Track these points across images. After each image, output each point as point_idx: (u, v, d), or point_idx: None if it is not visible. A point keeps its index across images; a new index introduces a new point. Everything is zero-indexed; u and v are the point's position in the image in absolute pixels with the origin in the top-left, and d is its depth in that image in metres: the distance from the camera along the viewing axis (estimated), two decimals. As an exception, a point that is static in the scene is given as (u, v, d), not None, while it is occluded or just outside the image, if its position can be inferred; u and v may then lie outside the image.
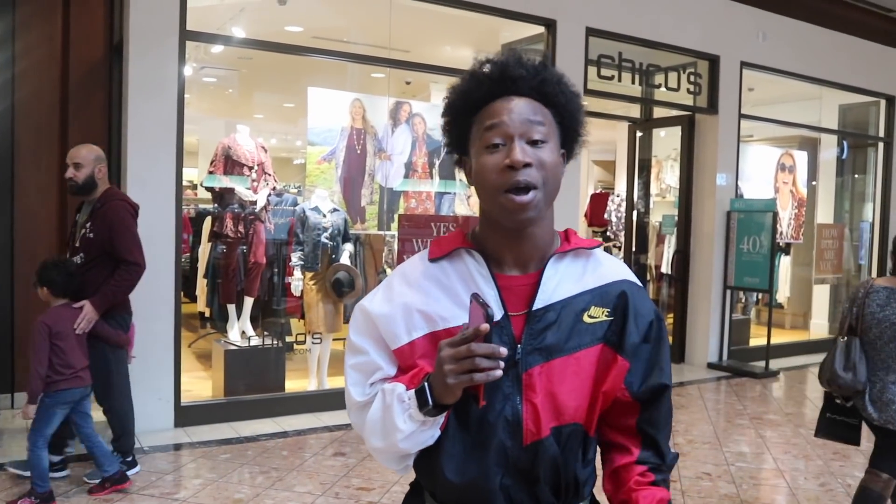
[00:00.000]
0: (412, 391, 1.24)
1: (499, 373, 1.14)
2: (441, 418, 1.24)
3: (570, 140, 1.36)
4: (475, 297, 1.18)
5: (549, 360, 1.28)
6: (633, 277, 1.39)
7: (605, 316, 1.32)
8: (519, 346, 1.26)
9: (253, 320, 6.23)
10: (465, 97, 1.32)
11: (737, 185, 7.65)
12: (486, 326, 1.13)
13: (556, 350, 1.28)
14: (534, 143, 1.25)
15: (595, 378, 1.31)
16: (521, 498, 1.27)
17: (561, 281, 1.32)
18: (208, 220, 6.59)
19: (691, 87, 7.37)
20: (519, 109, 1.26)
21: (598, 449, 1.40)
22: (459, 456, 1.27)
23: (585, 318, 1.31)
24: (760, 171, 8.21)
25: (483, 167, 1.26)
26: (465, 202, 6.17)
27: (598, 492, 1.37)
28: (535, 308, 1.29)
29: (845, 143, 9.39)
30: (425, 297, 1.31)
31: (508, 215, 1.25)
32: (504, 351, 1.14)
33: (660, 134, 8.51)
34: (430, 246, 1.38)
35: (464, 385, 1.16)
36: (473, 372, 1.14)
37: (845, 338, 3.14)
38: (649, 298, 1.40)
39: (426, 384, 1.21)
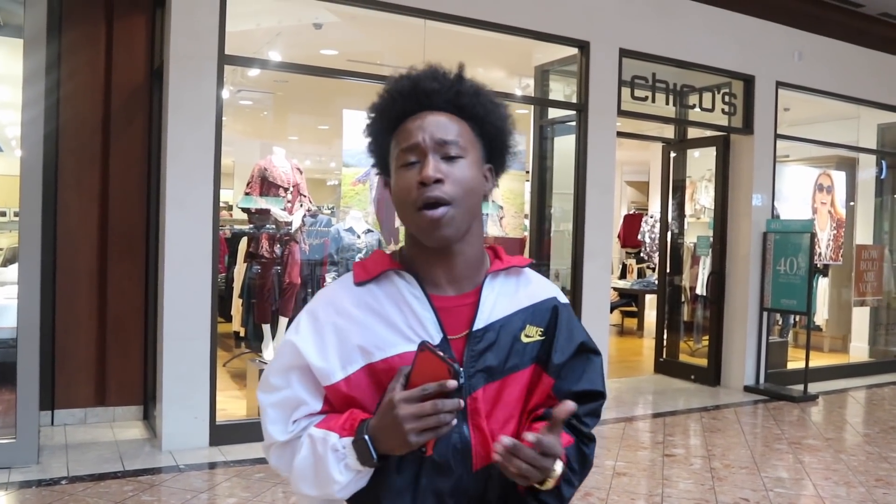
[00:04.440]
0: (347, 440, 1.18)
1: (455, 422, 1.12)
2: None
3: (497, 153, 1.32)
4: (427, 346, 1.12)
5: (491, 382, 1.25)
6: (562, 296, 1.38)
7: (539, 336, 1.30)
8: (461, 369, 1.14)
9: (287, 340, 6.28)
10: (382, 116, 1.29)
11: (773, 205, 7.57)
12: (453, 383, 1.09)
13: (497, 371, 1.26)
14: (449, 158, 1.22)
15: (525, 397, 1.29)
16: None
17: (497, 300, 1.29)
18: (244, 241, 6.68)
19: (726, 108, 7.32)
20: (433, 125, 1.23)
21: None
22: (407, 491, 1.22)
23: (522, 338, 1.29)
24: (797, 192, 8.10)
25: (398, 185, 1.24)
26: (497, 223, 6.18)
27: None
28: (475, 329, 1.26)
29: (884, 162, 9.23)
30: (358, 326, 1.24)
31: (425, 233, 1.22)
32: (462, 403, 1.11)
33: (694, 154, 8.45)
34: (354, 269, 1.31)
35: (427, 440, 1.12)
36: (438, 428, 1.11)
37: None
38: (577, 318, 1.39)
39: (366, 437, 1.16)
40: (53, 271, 5.21)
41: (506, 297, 1.31)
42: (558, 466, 1.18)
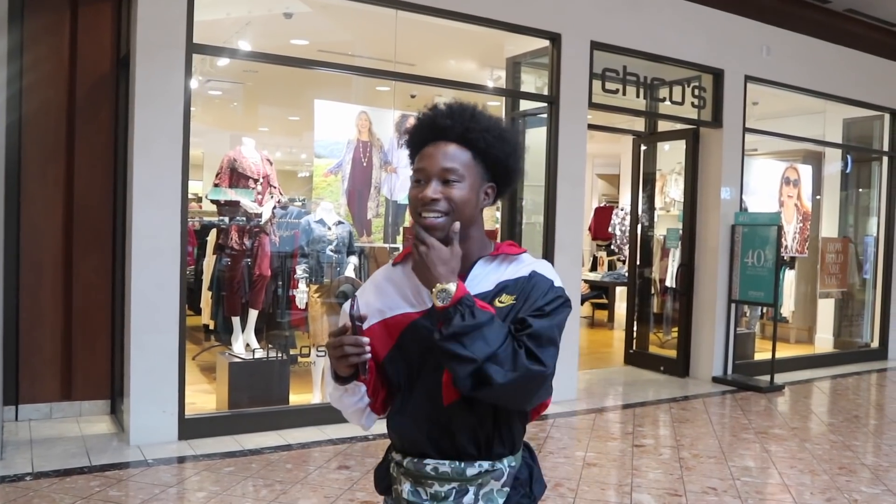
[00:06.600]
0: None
1: (366, 356, 1.52)
2: (362, 388, 1.62)
3: (500, 175, 1.64)
4: (350, 304, 1.54)
5: None
6: (542, 269, 1.63)
7: (511, 300, 1.59)
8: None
9: (257, 333, 6.23)
10: (409, 141, 1.66)
11: (741, 198, 7.65)
12: (347, 324, 1.51)
13: None
14: (447, 182, 1.56)
15: None
16: (446, 447, 1.60)
17: (483, 280, 1.62)
18: (213, 233, 6.61)
19: (696, 101, 7.38)
20: (440, 154, 1.58)
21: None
22: (400, 413, 1.65)
23: (496, 303, 1.58)
24: (765, 185, 8.21)
25: (410, 195, 1.61)
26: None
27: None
28: None
29: (849, 157, 9.39)
30: (380, 293, 1.69)
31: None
32: (366, 339, 1.50)
33: (664, 147, 8.52)
34: (397, 255, 1.74)
35: (345, 366, 1.53)
36: (348, 357, 1.50)
37: None
38: (552, 283, 1.61)
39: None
40: (17, 264, 5.11)
41: (493, 274, 1.63)
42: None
